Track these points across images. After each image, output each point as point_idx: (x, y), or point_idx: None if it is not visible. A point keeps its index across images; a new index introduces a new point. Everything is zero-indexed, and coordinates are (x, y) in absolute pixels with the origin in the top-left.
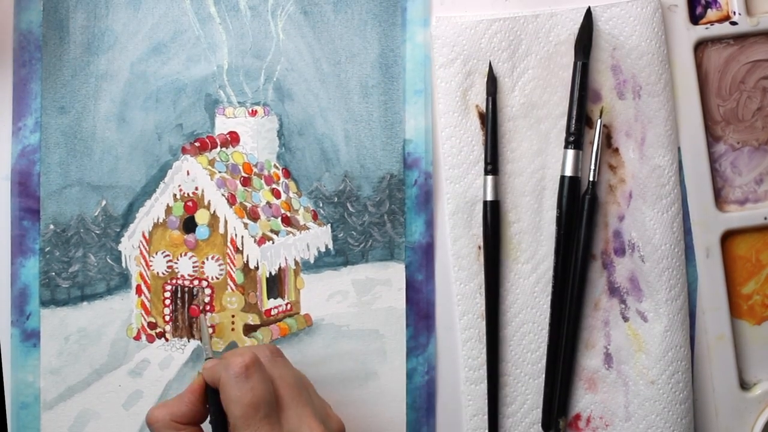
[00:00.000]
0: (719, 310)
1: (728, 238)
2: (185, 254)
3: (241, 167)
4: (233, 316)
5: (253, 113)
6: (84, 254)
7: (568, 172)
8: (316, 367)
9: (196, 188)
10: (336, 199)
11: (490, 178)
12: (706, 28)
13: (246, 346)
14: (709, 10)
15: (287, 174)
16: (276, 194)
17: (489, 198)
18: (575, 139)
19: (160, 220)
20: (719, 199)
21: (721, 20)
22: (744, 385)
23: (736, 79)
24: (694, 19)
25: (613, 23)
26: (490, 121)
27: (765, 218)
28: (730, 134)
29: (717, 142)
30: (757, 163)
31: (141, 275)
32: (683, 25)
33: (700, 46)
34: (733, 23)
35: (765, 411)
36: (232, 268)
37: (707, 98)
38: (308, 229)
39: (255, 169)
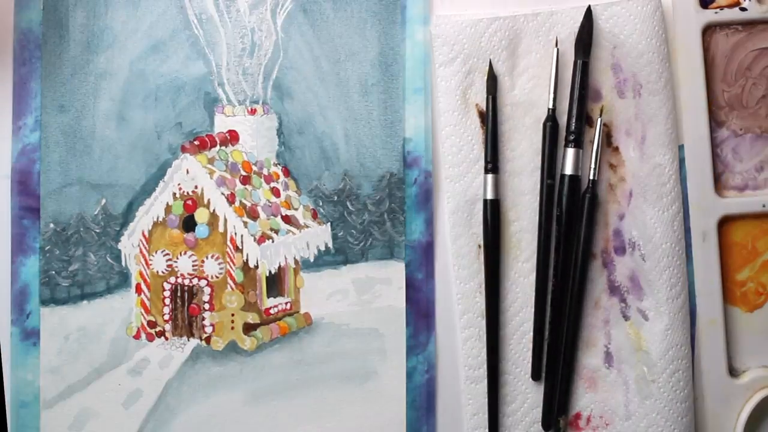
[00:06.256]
0: (712, 295)
1: (726, 223)
2: (185, 253)
3: (240, 166)
4: (233, 315)
5: (253, 112)
6: (84, 253)
7: (569, 171)
8: (316, 367)
9: (196, 187)
10: (336, 198)
11: (490, 176)
12: (716, 13)
13: None
14: None
15: (287, 172)
16: (276, 193)
17: (489, 196)
18: (575, 137)
19: (160, 219)
20: (719, 184)
21: (731, 5)
22: (733, 372)
23: (742, 65)
24: (704, 2)
25: (614, 22)
26: (491, 119)
27: (763, 206)
28: (734, 120)
29: (720, 128)
30: (758, 150)
31: (141, 274)
32: (693, 8)
33: (709, 30)
34: (743, 9)
35: (752, 398)
36: (231, 267)
37: (712, 83)
38: (308, 227)
39: (254, 168)
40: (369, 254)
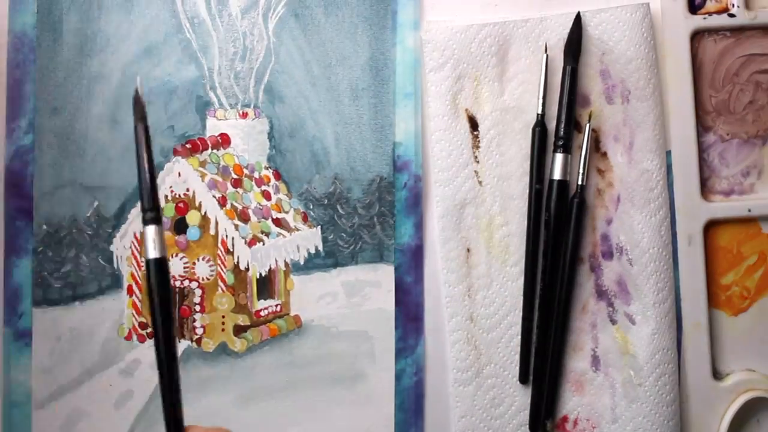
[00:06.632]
0: (697, 299)
1: (711, 227)
2: (176, 255)
3: (231, 169)
4: (223, 317)
5: (244, 115)
6: (76, 254)
7: (557, 176)
8: (306, 368)
9: (188, 190)
10: (326, 201)
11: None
12: (704, 18)
13: None
14: (708, 1)
15: (278, 176)
16: (266, 196)
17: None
18: (564, 143)
19: None
20: (705, 188)
21: (719, 12)
22: (717, 375)
23: (730, 71)
24: (693, 8)
25: (603, 28)
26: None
27: (749, 210)
28: (721, 125)
29: (707, 133)
30: (744, 155)
31: (132, 275)
32: (681, 13)
33: (697, 36)
34: (731, 15)
35: (736, 401)
36: (222, 269)
37: (700, 88)
38: (298, 230)
39: (246, 171)
40: (359, 257)
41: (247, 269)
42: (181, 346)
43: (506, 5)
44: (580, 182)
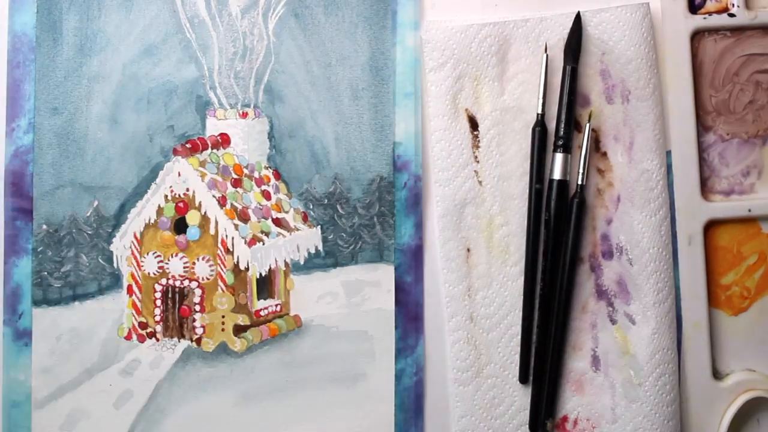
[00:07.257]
0: (697, 298)
1: (711, 227)
2: (176, 255)
3: (231, 169)
4: (223, 317)
5: (244, 115)
6: (76, 254)
7: (557, 176)
8: (305, 368)
9: (187, 189)
10: (326, 201)
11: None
12: (704, 18)
13: None
14: (708, 1)
15: (277, 176)
16: (266, 196)
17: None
18: (564, 142)
19: (152, 221)
20: (705, 188)
21: (719, 11)
22: (717, 375)
23: (730, 71)
24: (693, 8)
25: (603, 28)
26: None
27: (749, 210)
28: (721, 125)
29: (707, 132)
30: (745, 155)
31: (132, 275)
32: (681, 13)
33: (697, 35)
34: (731, 15)
35: (736, 401)
36: (222, 269)
37: (700, 88)
38: (298, 230)
39: (245, 171)
40: (359, 257)
41: (247, 269)
42: (181, 346)
43: (506, 5)
44: (580, 182)
